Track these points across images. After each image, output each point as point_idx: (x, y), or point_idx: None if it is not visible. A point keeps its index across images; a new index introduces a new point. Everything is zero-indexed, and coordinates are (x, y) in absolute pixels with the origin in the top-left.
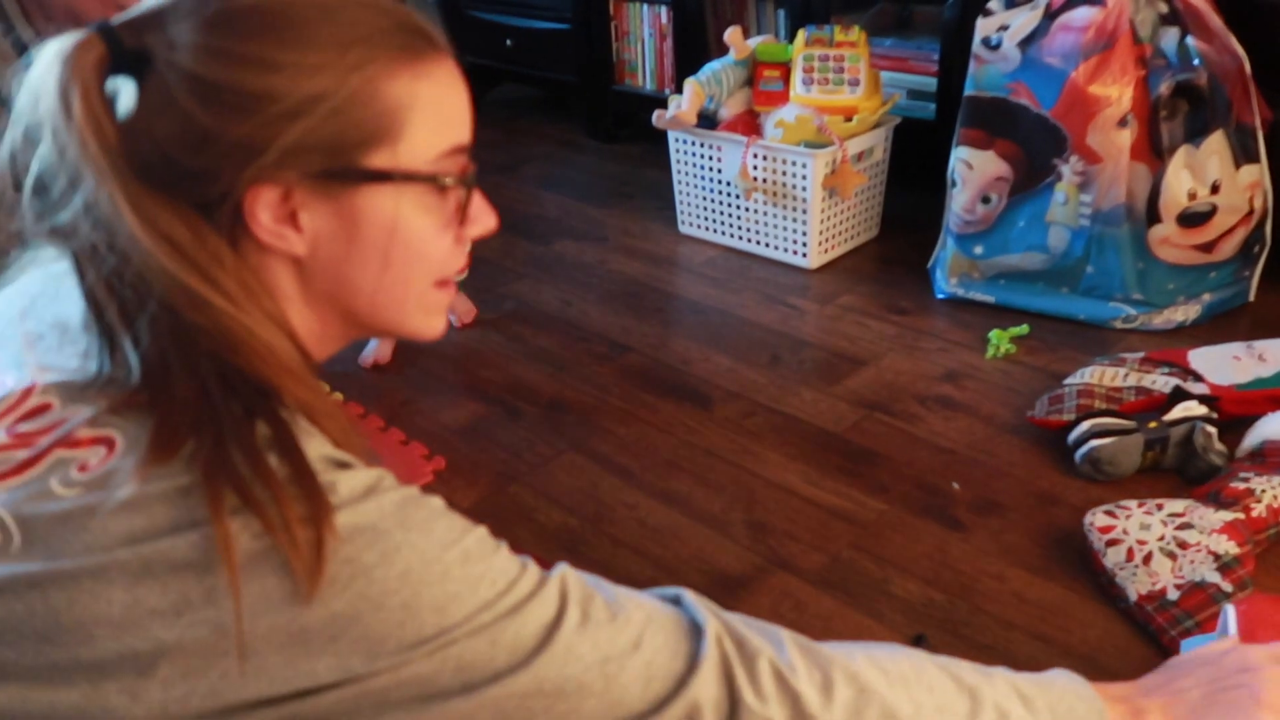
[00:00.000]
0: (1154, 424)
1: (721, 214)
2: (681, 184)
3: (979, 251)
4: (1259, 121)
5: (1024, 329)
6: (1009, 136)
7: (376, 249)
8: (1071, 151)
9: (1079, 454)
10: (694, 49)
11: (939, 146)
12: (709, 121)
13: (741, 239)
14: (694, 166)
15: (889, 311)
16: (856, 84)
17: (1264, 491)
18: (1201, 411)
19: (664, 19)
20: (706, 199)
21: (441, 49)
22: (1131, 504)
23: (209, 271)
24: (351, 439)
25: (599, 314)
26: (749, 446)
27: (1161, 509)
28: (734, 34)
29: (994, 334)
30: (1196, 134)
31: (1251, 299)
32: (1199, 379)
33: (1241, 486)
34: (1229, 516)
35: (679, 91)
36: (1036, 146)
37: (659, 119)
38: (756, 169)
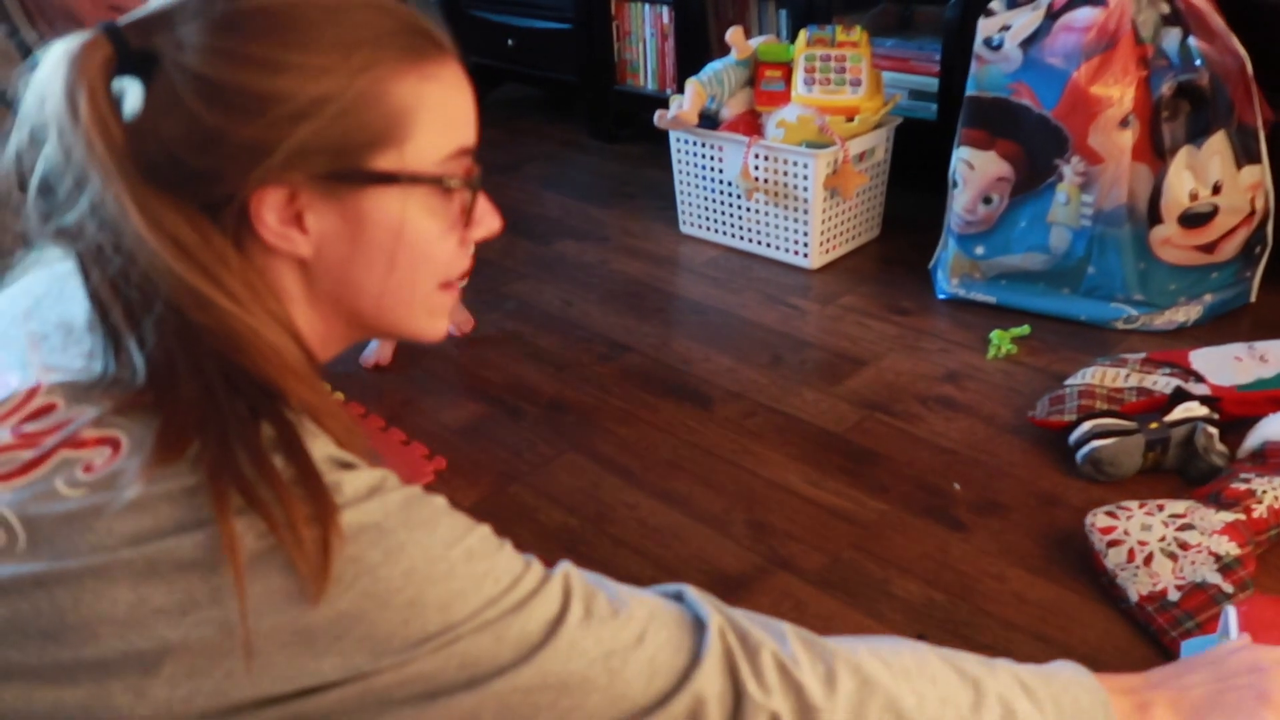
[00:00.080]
0: (1155, 425)
1: (723, 214)
2: (683, 184)
3: (980, 252)
4: (1261, 122)
5: (1025, 329)
6: (1010, 137)
7: (382, 251)
8: (1073, 152)
9: (1080, 455)
10: (695, 49)
11: (940, 147)
12: (710, 121)
13: (743, 239)
14: (695, 166)
15: (890, 312)
16: (858, 84)
17: (1265, 492)
18: (1203, 412)
19: (665, 19)
20: (708, 199)
21: (447, 50)
22: (1133, 505)
23: (214, 272)
24: (354, 439)
25: (600, 314)
26: (750, 447)
27: (1162, 510)
28: (736, 34)
29: (995, 334)
30: (1198, 134)
31: (1253, 300)
32: (1200, 380)
33: (1242, 487)
34: (1230, 517)
35: (680, 91)
36: (1038, 147)
37: (660, 119)
38: (758, 169)
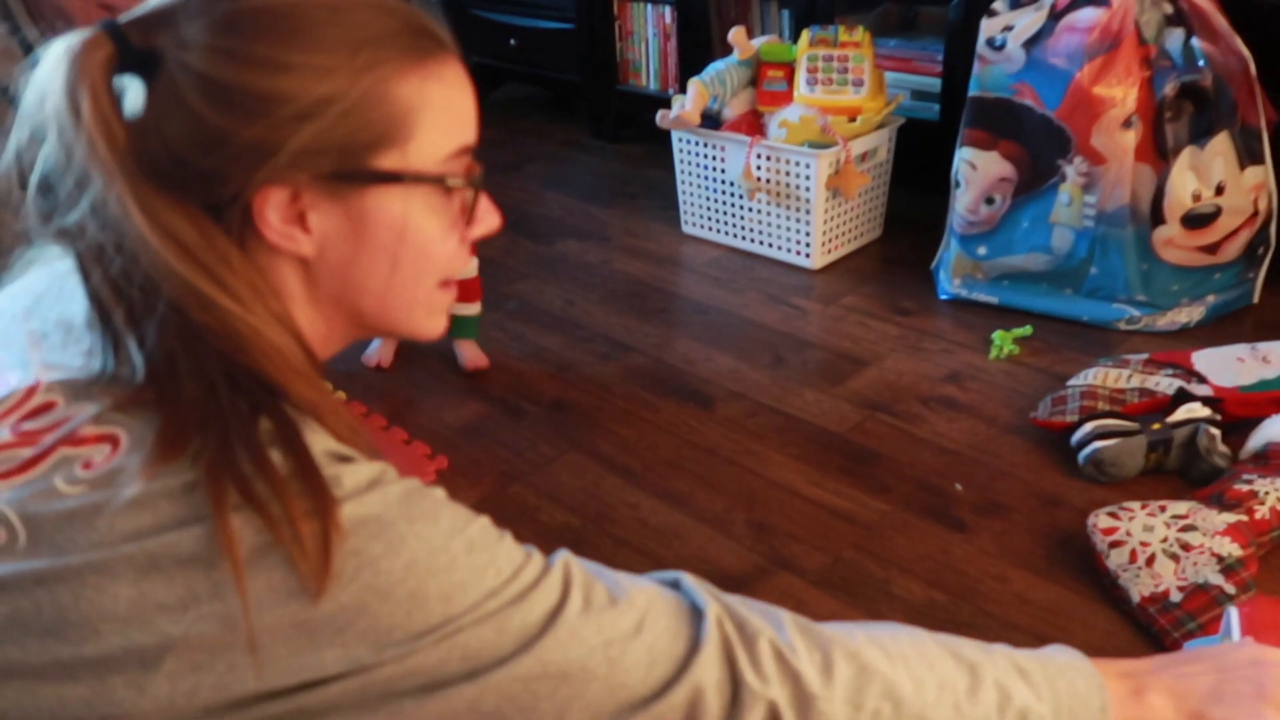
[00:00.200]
0: (1157, 426)
1: (725, 214)
2: (685, 184)
3: (982, 252)
4: (1264, 123)
5: (1027, 330)
6: (1013, 137)
7: (385, 250)
8: (1076, 152)
9: (1082, 455)
10: (698, 49)
11: (943, 147)
12: (713, 121)
13: (745, 239)
14: (697, 166)
15: (892, 312)
16: (860, 84)
17: (1267, 494)
18: (1205, 413)
19: (668, 19)
20: (710, 199)
21: (449, 50)
22: (1135, 506)
23: (217, 273)
24: (356, 436)
25: (602, 314)
26: (751, 447)
27: (1164, 511)
28: (738, 34)
29: (997, 335)
30: (1201, 135)
31: (1255, 301)
32: (1203, 381)
33: (1245, 488)
34: (1232, 518)
35: (683, 91)
36: (1040, 147)
37: (663, 119)
38: (760, 169)
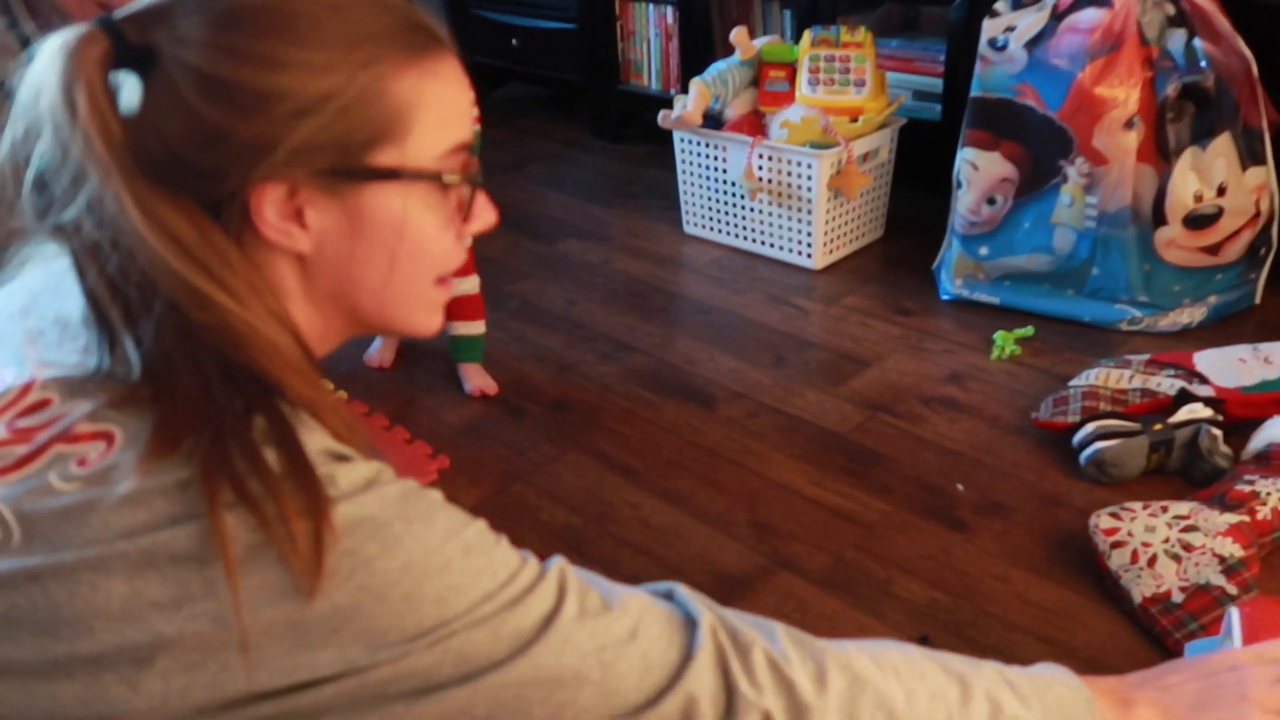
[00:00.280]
0: (1159, 426)
1: (726, 214)
2: (686, 184)
3: (984, 253)
4: (1266, 124)
5: (1029, 331)
6: (1015, 138)
7: (383, 247)
8: (1077, 153)
9: (1084, 456)
10: (699, 49)
11: (944, 147)
12: (714, 122)
13: (746, 239)
14: (699, 166)
15: (894, 312)
16: (862, 85)
17: (1269, 494)
18: (1207, 414)
19: (669, 19)
20: (711, 199)
21: (446, 46)
22: (1136, 506)
23: (214, 270)
24: (353, 435)
25: (603, 314)
26: (753, 447)
27: (1166, 511)
28: (740, 34)
29: (999, 335)
30: (1203, 136)
31: (1257, 301)
32: (1204, 381)
33: (1247, 489)
34: (1234, 519)
35: (684, 91)
36: (1042, 148)
37: (664, 119)
38: (761, 169)
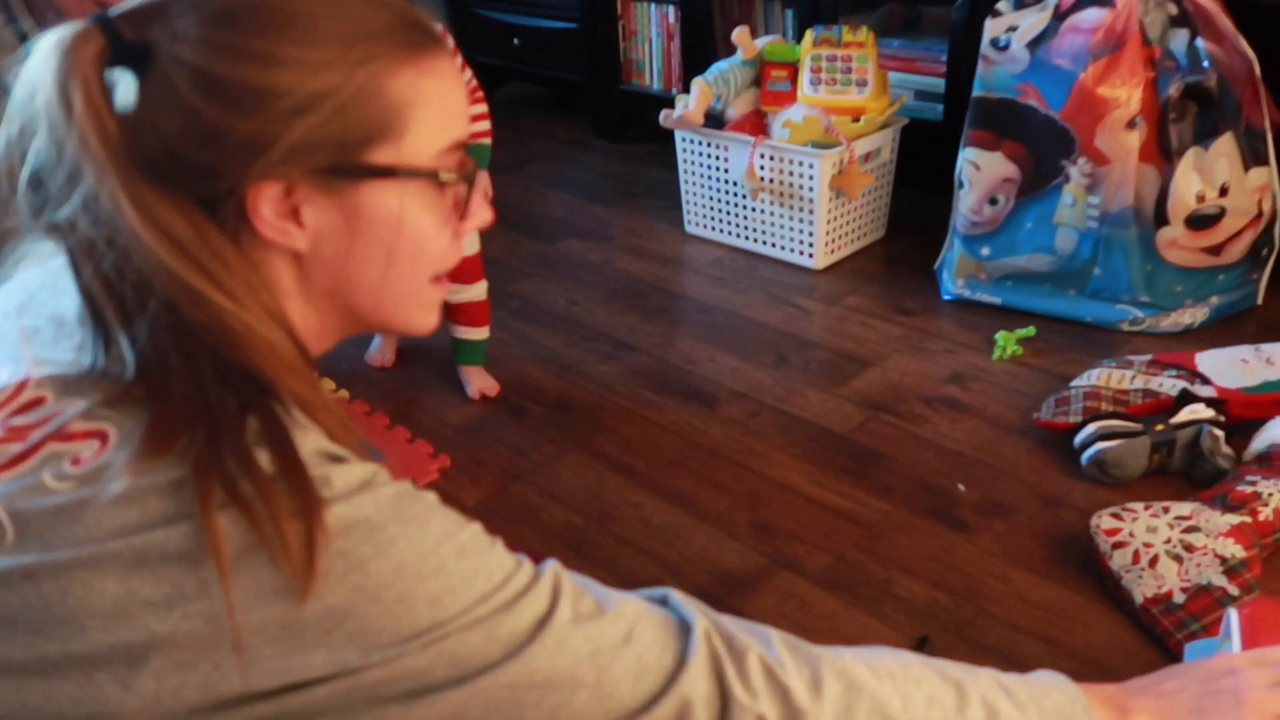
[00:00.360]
0: (1161, 427)
1: (728, 214)
2: (688, 184)
3: (986, 253)
4: (1269, 124)
5: (1030, 331)
6: (1017, 138)
7: (380, 245)
8: (1079, 153)
9: (1085, 456)
10: (701, 49)
11: (946, 147)
12: (716, 121)
13: (748, 239)
14: (700, 166)
15: (895, 312)
16: (864, 84)
17: (1271, 495)
18: (1209, 414)
19: (671, 18)
20: (713, 199)
21: (442, 44)
22: (1138, 506)
23: (210, 268)
24: (349, 434)
25: (604, 313)
26: (754, 447)
27: (1168, 512)
28: (741, 34)
29: (1000, 336)
30: (1205, 136)
31: (1259, 302)
32: (1206, 382)
33: (1248, 490)
34: (1236, 520)
35: (686, 91)
36: (1044, 148)
37: (666, 119)
38: (763, 169)
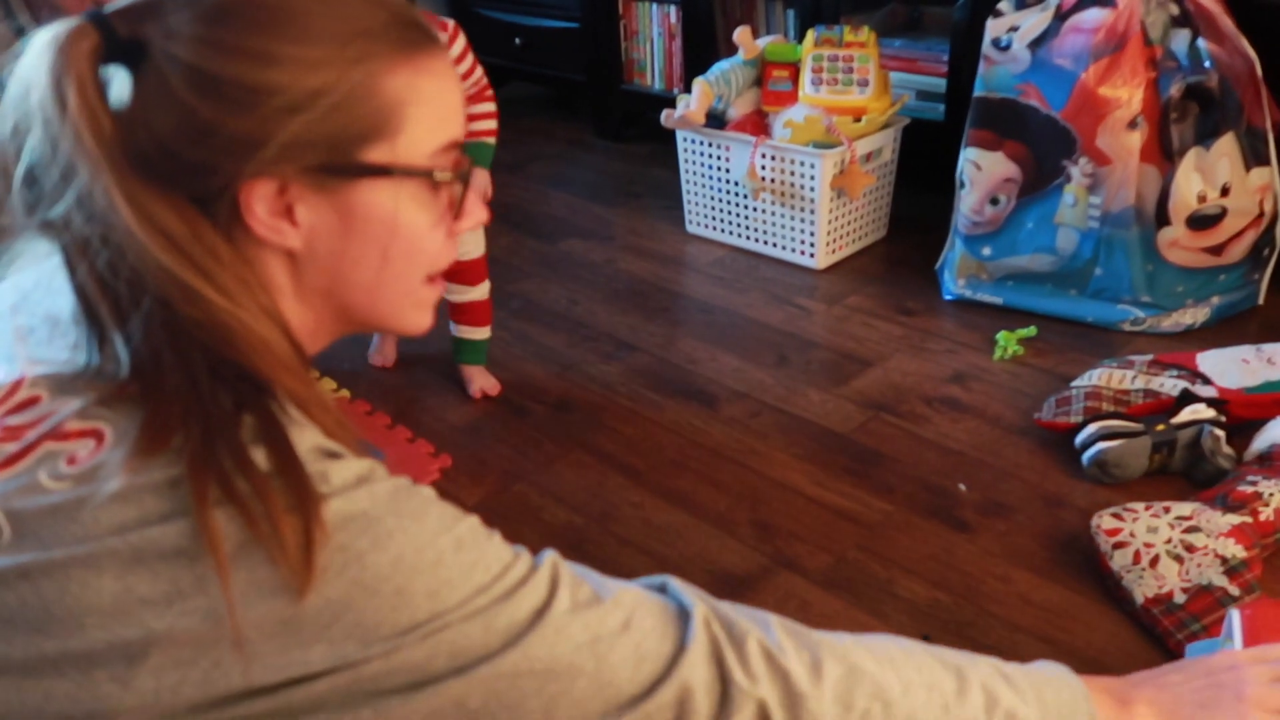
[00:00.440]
0: (1162, 427)
1: (729, 214)
2: (689, 183)
3: (987, 253)
4: (1270, 124)
5: (1031, 331)
6: (1018, 138)
7: (374, 244)
8: (1081, 153)
9: (1086, 456)
10: (703, 49)
11: (948, 147)
12: (717, 121)
13: (749, 239)
14: (702, 166)
15: (896, 312)
16: (865, 84)
17: (1272, 495)
18: (1210, 414)
19: (673, 18)
20: (714, 199)
21: (438, 43)
22: (1139, 507)
23: (205, 266)
24: (345, 431)
25: (606, 313)
26: (755, 446)
27: (1169, 512)
28: (743, 34)
29: (1001, 335)
30: (1207, 136)
31: (1260, 302)
32: (1207, 382)
33: (1249, 490)
34: (1236, 520)
35: (687, 91)
36: (1046, 148)
37: (667, 118)
38: (765, 169)
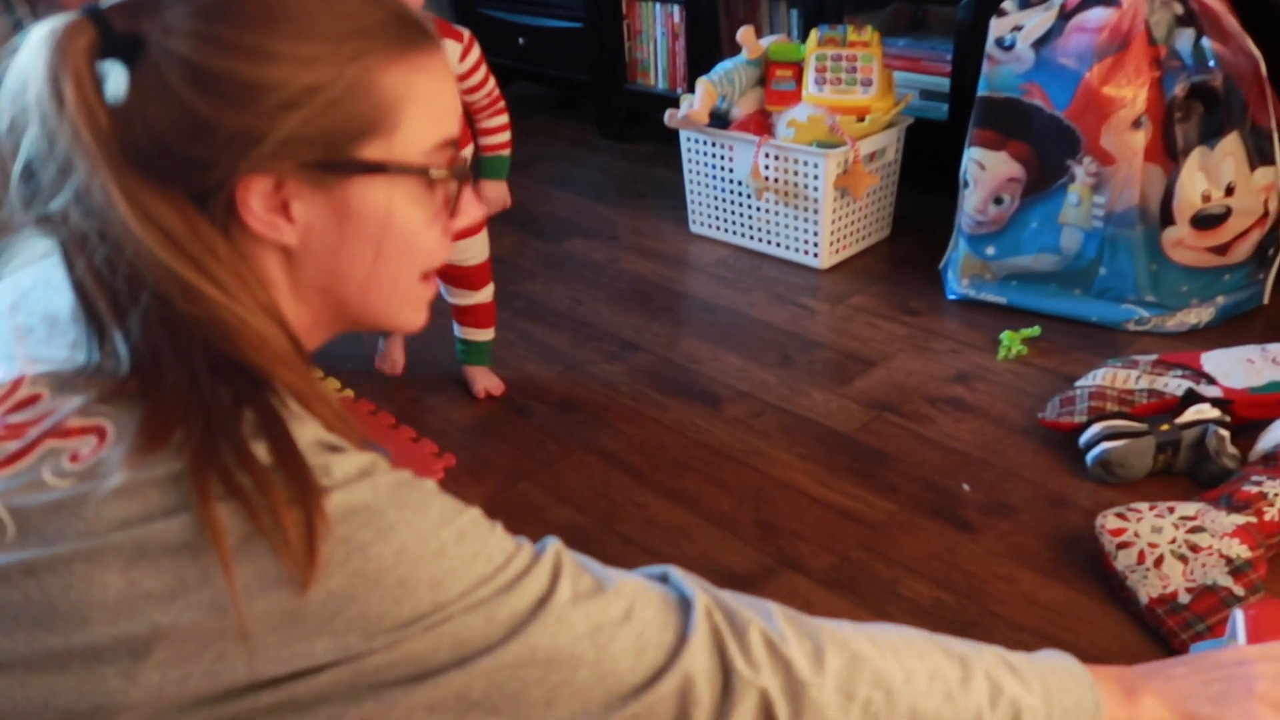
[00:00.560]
0: (1166, 427)
1: (733, 213)
2: (693, 183)
3: (991, 252)
4: (1275, 123)
5: (1035, 330)
6: (1022, 137)
7: (369, 240)
8: (1085, 153)
9: (1090, 456)
10: (706, 48)
11: (952, 147)
12: (721, 121)
13: (752, 239)
14: (705, 166)
15: (900, 312)
16: (869, 84)
17: (1277, 495)
18: (1214, 414)
19: (676, 18)
20: (718, 198)
21: (434, 41)
22: (1143, 507)
23: (202, 262)
24: (345, 425)
25: (609, 313)
26: (759, 446)
27: (1173, 512)
28: (746, 33)
29: (1005, 335)
30: (1211, 136)
31: (1265, 302)
32: (1212, 382)
33: (1254, 490)
34: (1241, 520)
35: (691, 90)
36: (1049, 147)
37: (671, 118)
38: (768, 169)
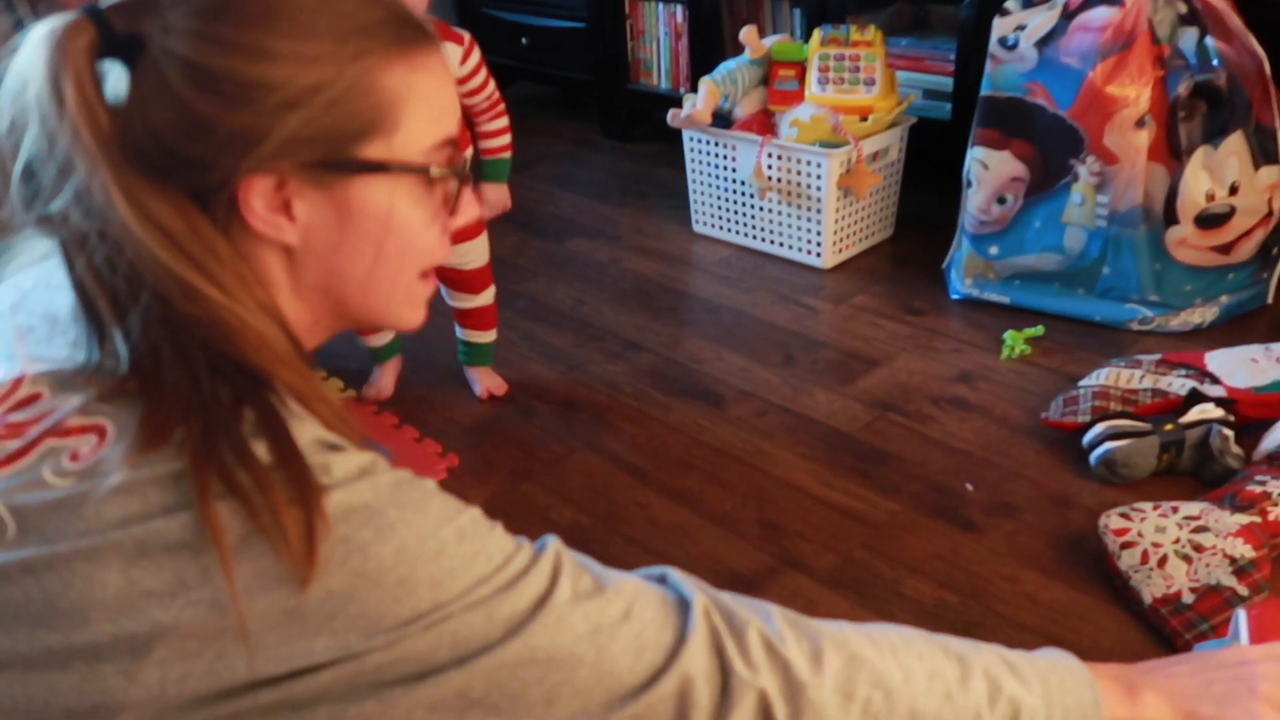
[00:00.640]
0: (1170, 426)
1: (736, 213)
2: (696, 183)
3: (994, 252)
4: (1279, 123)
5: (1039, 330)
6: (1025, 137)
7: (370, 239)
8: (1088, 152)
9: (1094, 456)
10: (709, 48)
11: (955, 146)
12: (724, 120)
13: (755, 238)
14: (708, 165)
15: (903, 312)
16: (872, 84)
17: None
18: (1218, 414)
19: (679, 18)
20: (721, 198)
21: (433, 40)
22: (1146, 506)
23: (203, 262)
24: (345, 424)
25: (612, 312)
26: (761, 446)
27: (1177, 512)
28: (749, 33)
29: (1009, 335)
30: (1215, 135)
31: (1269, 301)
32: (1216, 381)
33: (1258, 489)
34: (1245, 520)
35: (694, 90)
36: (1053, 147)
37: (674, 118)
38: (771, 168)
